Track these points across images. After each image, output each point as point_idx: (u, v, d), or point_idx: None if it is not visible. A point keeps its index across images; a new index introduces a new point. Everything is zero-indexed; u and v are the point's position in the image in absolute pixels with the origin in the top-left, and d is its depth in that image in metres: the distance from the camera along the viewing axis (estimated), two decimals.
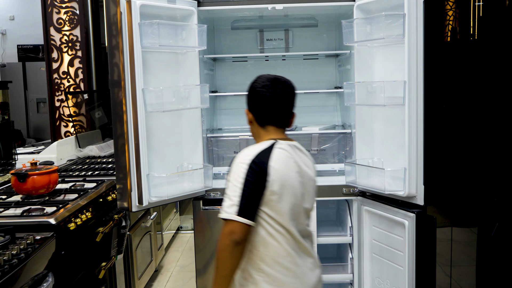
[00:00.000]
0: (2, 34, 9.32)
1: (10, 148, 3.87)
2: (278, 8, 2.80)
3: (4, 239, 2.24)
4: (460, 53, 2.56)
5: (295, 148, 1.88)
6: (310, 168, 1.90)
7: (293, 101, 1.90)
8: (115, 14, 2.42)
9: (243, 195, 1.73)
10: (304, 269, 1.83)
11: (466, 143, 2.53)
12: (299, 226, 1.84)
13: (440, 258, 2.87)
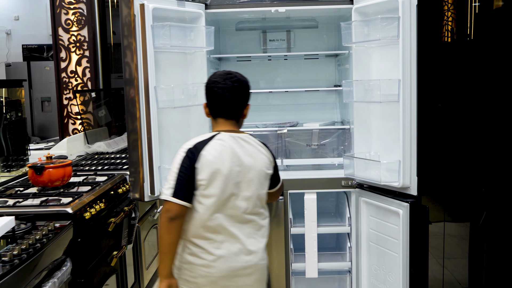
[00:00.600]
0: (7, 34, 9.44)
1: (23, 144, 4.03)
2: (280, 10, 2.97)
3: (26, 226, 2.41)
4: (452, 53, 2.73)
5: (239, 139, 2.07)
6: (255, 158, 2.07)
7: (241, 96, 2.09)
8: (127, 15, 2.58)
9: (177, 179, 1.98)
10: (224, 252, 2.01)
11: (456, 137, 2.69)
12: (230, 211, 2.02)
13: (436, 251, 3.02)
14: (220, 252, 2.02)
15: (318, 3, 2.98)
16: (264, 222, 2.12)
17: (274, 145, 3.26)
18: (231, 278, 2.04)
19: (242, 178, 2.03)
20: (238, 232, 2.03)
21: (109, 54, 5.51)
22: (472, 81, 2.44)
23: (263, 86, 3.62)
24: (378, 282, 2.91)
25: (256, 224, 2.08)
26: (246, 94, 2.12)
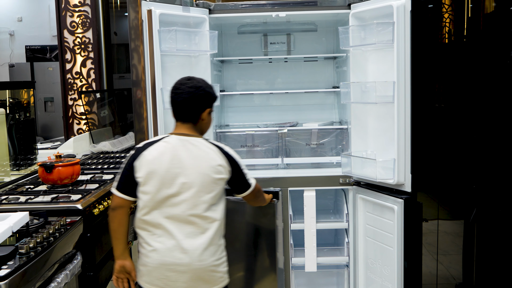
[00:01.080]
0: (10, 35, 9.55)
1: (32, 143, 4.15)
2: (281, 15, 3.10)
3: (39, 221, 2.53)
4: (443, 56, 2.85)
5: (187, 142, 2.20)
6: (199, 162, 2.17)
7: (194, 101, 2.22)
8: (134, 19, 2.71)
9: (121, 174, 2.21)
10: (159, 245, 2.16)
11: (448, 136, 2.81)
12: (169, 210, 2.16)
13: (431, 247, 3.14)
14: (156, 244, 2.17)
15: (317, 8, 3.11)
16: (210, 226, 2.19)
17: (274, 144, 3.38)
18: (165, 271, 2.17)
19: (180, 180, 2.15)
20: (176, 231, 2.16)
21: (113, 54, 5.63)
22: (464, 82, 2.56)
23: (264, 87, 3.72)
24: (375, 275, 3.03)
25: (200, 226, 2.17)
26: (201, 99, 2.24)
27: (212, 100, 2.31)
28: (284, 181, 3.15)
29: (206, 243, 2.17)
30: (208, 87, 2.28)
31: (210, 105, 2.30)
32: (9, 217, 2.33)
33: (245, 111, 3.68)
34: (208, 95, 2.27)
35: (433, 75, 2.87)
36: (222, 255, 2.26)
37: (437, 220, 3.17)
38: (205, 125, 2.33)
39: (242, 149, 3.41)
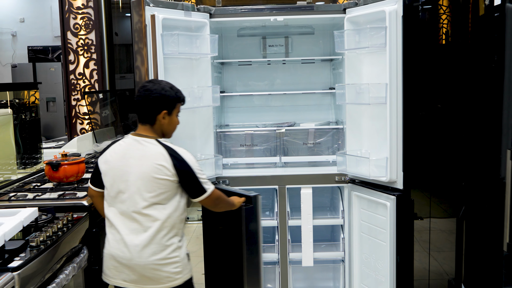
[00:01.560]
0: (13, 35, 9.64)
1: (37, 143, 4.27)
2: (279, 19, 3.22)
3: (47, 217, 2.65)
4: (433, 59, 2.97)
5: (136, 142, 2.33)
6: (142, 162, 2.28)
7: (147, 103, 2.33)
8: (138, 22, 2.82)
9: (93, 169, 2.49)
10: (110, 237, 2.35)
11: (438, 135, 2.92)
12: (120, 206, 2.32)
13: (426, 245, 3.25)
14: (109, 235, 2.36)
15: (314, 12, 3.22)
16: (152, 224, 2.27)
17: (273, 144, 3.50)
18: (113, 262, 2.34)
19: (127, 178, 2.29)
20: (122, 225, 2.31)
21: (116, 53, 5.74)
22: (453, 83, 2.67)
23: (263, 88, 3.82)
24: (369, 269, 3.15)
25: (142, 224, 2.28)
26: (153, 102, 2.32)
27: (166, 102, 2.35)
28: (282, 179, 3.27)
29: (147, 241, 2.27)
30: (165, 90, 2.35)
31: (165, 107, 2.36)
32: (19, 212, 2.44)
33: (245, 112, 3.79)
34: (162, 98, 2.33)
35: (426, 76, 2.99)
36: (171, 255, 2.32)
37: (429, 218, 3.28)
38: (165, 126, 2.40)
39: (241, 148, 3.53)
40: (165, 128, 2.41)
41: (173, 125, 2.44)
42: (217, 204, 2.49)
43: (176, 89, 2.42)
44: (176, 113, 2.43)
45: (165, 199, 2.30)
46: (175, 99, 2.39)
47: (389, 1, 2.78)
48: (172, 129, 2.46)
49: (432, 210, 2.96)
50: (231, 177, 3.26)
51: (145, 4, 2.76)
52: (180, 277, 2.35)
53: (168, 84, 2.41)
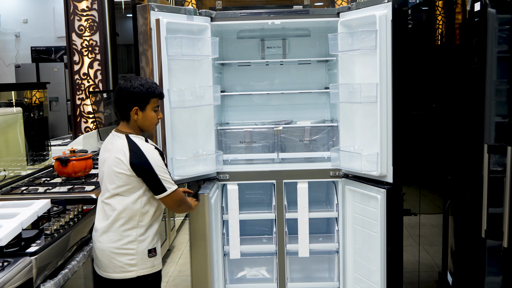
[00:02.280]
0: (16, 36, 9.79)
1: (45, 140, 4.45)
2: (276, 23, 3.39)
3: (58, 208, 2.83)
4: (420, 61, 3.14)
5: (112, 137, 2.55)
6: (110, 156, 2.46)
7: (118, 101, 2.50)
8: (143, 25, 3.00)
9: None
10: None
11: (428, 132, 3.10)
12: (103, 195, 2.54)
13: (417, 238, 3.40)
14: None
15: (309, 16, 3.40)
16: (111, 214, 2.46)
17: (271, 141, 3.68)
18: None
19: (102, 169, 2.53)
20: (98, 211, 2.56)
21: (119, 53, 5.91)
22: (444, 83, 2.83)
23: (261, 88, 3.98)
24: (362, 259, 3.33)
25: (106, 212, 2.51)
26: (124, 99, 2.46)
27: (136, 99, 2.45)
28: (279, 174, 3.44)
29: (105, 228, 2.47)
30: (133, 87, 2.44)
31: (136, 103, 2.46)
32: (33, 204, 2.63)
33: (244, 110, 3.97)
34: (131, 94, 2.43)
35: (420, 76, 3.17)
36: (127, 246, 2.46)
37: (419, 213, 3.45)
38: (140, 122, 2.50)
39: (241, 145, 3.71)
40: (140, 123, 2.51)
41: (149, 120, 2.51)
42: (180, 206, 2.57)
43: (149, 86, 2.48)
44: (151, 108, 2.50)
45: (126, 191, 2.44)
46: (146, 95, 2.46)
47: (379, 6, 2.96)
48: (149, 124, 2.53)
49: (425, 206, 3.12)
50: (231, 172, 3.43)
51: (150, 9, 2.93)
52: (134, 270, 2.47)
53: (140, 81, 2.48)
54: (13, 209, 2.53)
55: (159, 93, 2.52)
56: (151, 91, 2.47)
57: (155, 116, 2.53)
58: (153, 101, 2.49)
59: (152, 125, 2.55)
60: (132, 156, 2.40)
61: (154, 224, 2.55)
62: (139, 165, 2.40)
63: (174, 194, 2.47)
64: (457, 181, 2.65)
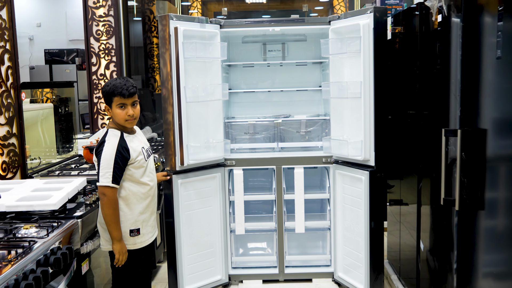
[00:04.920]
0: (30, 39, 10.26)
1: (71, 133, 4.99)
2: (276, 30, 3.94)
3: (91, 187, 3.37)
4: (398, 62, 3.66)
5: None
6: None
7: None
8: (161, 30, 3.51)
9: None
10: None
11: (403, 123, 3.62)
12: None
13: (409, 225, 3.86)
14: None
15: (305, 24, 3.94)
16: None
17: (271, 132, 4.21)
18: None
19: None
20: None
21: (132, 55, 6.44)
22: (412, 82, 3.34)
23: (263, 86, 4.49)
24: (350, 233, 3.85)
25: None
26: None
27: (104, 98, 2.81)
28: (279, 161, 3.97)
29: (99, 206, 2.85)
30: (104, 88, 2.80)
31: (105, 102, 2.82)
32: (73, 181, 3.17)
33: (248, 106, 4.50)
34: (102, 94, 2.83)
35: (391, 76, 3.70)
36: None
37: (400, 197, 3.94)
38: (113, 118, 2.84)
39: (245, 136, 4.24)
40: (113, 119, 2.85)
41: (117, 116, 2.79)
42: (102, 203, 2.77)
43: (112, 86, 2.76)
44: (115, 105, 2.78)
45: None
46: (109, 93, 2.77)
47: (363, 16, 3.49)
48: (118, 120, 2.81)
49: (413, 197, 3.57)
50: (237, 159, 3.96)
51: (170, 18, 3.47)
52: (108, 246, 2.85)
53: (108, 82, 2.80)
54: (58, 185, 3.08)
55: (118, 92, 2.75)
56: (111, 91, 2.76)
57: (122, 113, 2.78)
58: (115, 99, 2.76)
59: (121, 121, 2.81)
60: (97, 146, 2.82)
61: (137, 208, 2.86)
62: (95, 153, 2.81)
63: (101, 188, 2.72)
64: (426, 163, 3.15)
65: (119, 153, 2.74)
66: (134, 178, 2.84)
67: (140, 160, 2.86)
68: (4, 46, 3.39)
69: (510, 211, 2.21)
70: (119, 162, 2.73)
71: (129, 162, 2.81)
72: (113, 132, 2.83)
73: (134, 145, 2.86)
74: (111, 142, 2.77)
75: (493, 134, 2.34)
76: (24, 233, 2.45)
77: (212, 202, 3.88)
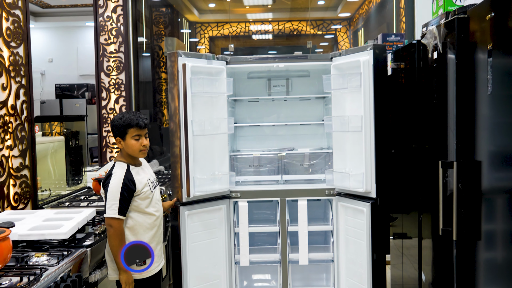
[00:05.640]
0: (42, 74, 10.54)
1: (80, 165, 5.11)
2: (280, 66, 4.09)
3: (100, 217, 3.46)
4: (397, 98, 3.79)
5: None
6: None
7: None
8: (170, 66, 3.67)
9: None
10: None
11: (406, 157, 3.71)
12: None
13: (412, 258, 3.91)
14: None
15: (308, 60, 4.09)
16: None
17: (276, 165, 4.31)
18: None
19: None
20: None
21: (139, 93, 6.62)
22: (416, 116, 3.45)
23: (268, 120, 4.60)
24: (353, 265, 3.90)
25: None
26: (112, 131, 2.98)
27: (116, 130, 2.95)
28: (283, 193, 4.05)
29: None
30: (114, 121, 2.95)
31: (117, 134, 2.95)
32: (83, 211, 3.27)
33: (253, 139, 4.61)
34: (113, 127, 2.95)
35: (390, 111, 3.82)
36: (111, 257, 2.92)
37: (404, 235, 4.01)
38: (125, 149, 2.97)
39: (250, 169, 4.34)
40: (125, 150, 2.97)
41: (131, 147, 2.95)
42: (109, 234, 2.87)
43: (126, 118, 2.92)
44: (130, 137, 2.93)
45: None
46: (123, 126, 2.92)
47: (363, 53, 3.64)
48: (132, 151, 2.96)
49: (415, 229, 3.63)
50: (242, 191, 4.05)
51: (178, 55, 3.63)
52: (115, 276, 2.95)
53: (120, 115, 2.95)
54: (68, 215, 3.18)
55: (135, 123, 2.92)
56: (127, 123, 2.92)
57: (137, 144, 2.95)
58: (131, 131, 2.92)
59: (136, 152, 2.96)
60: (104, 178, 2.95)
61: (143, 237, 2.97)
62: (103, 186, 2.94)
63: (108, 220, 2.84)
64: (426, 197, 3.23)
65: (125, 185, 2.87)
66: (140, 208, 2.95)
67: (146, 191, 2.98)
68: (20, 81, 3.55)
69: (506, 242, 2.27)
70: (125, 194, 2.86)
71: (135, 193, 2.93)
72: (120, 165, 2.97)
73: (140, 177, 2.99)
74: (117, 175, 2.90)
75: (488, 166, 2.43)
76: (35, 261, 2.54)
77: (217, 234, 3.95)
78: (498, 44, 2.23)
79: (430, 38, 3.04)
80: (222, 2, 9.77)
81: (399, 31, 6.46)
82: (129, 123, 2.92)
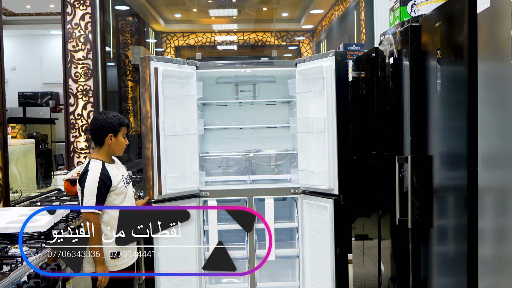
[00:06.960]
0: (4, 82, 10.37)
1: (50, 169, 5.16)
2: (248, 71, 4.30)
3: (73, 215, 3.56)
4: (356, 100, 4.05)
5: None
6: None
7: (96, 129, 3.15)
8: (142, 71, 3.81)
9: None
10: None
11: (363, 155, 3.96)
12: None
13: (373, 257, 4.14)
14: None
15: (274, 66, 4.32)
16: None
17: (243, 165, 4.50)
18: None
19: None
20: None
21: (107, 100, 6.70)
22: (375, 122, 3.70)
23: (235, 123, 4.79)
24: (317, 259, 4.11)
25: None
26: (101, 128, 3.11)
27: (111, 127, 3.12)
28: (250, 192, 4.23)
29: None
30: (108, 118, 3.12)
31: (111, 131, 3.12)
32: None
33: (222, 142, 4.78)
34: (107, 124, 3.11)
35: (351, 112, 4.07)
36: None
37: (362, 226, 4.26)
38: (113, 146, 3.16)
39: (219, 169, 4.51)
40: (113, 147, 3.16)
41: (120, 144, 3.19)
42: (85, 228, 2.95)
43: (119, 117, 3.17)
44: (121, 134, 3.17)
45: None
46: (118, 123, 3.15)
47: (326, 59, 3.88)
48: (120, 147, 3.19)
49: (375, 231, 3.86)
50: (211, 190, 4.22)
51: (150, 59, 3.79)
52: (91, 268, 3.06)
53: (112, 114, 3.16)
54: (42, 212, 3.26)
55: (126, 123, 3.21)
56: (122, 121, 3.18)
57: (124, 141, 3.21)
58: (122, 129, 3.18)
59: (122, 149, 3.21)
60: (80, 175, 3.09)
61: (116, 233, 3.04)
62: (79, 182, 3.07)
63: (86, 213, 2.97)
64: (385, 193, 3.47)
65: (101, 181, 3.03)
66: (115, 204, 3.09)
67: (120, 187, 3.14)
68: None
69: (456, 228, 2.50)
70: (101, 190, 3.01)
71: (111, 189, 3.08)
72: (95, 162, 3.13)
73: (114, 173, 3.15)
74: (94, 171, 3.05)
75: (439, 160, 2.68)
76: (14, 251, 2.63)
77: (187, 231, 4.09)
78: (445, 48, 2.50)
79: (387, 45, 3.31)
80: (188, 13, 9.93)
81: (360, 42, 6.79)
82: (123, 122, 3.17)
